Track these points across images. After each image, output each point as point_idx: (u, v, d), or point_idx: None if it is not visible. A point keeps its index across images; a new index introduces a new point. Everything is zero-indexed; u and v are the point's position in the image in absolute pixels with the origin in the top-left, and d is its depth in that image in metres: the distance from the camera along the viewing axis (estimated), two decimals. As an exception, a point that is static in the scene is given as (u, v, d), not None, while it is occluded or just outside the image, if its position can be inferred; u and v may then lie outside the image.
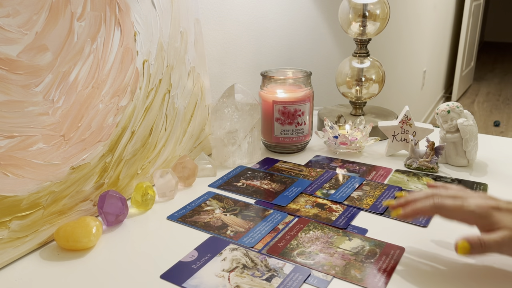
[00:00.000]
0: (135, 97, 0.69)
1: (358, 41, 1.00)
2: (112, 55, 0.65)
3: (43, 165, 0.57)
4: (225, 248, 0.58)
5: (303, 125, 0.88)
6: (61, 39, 0.57)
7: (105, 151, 0.66)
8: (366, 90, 1.02)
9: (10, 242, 0.55)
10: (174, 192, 0.72)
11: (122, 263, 0.56)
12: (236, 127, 0.81)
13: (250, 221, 0.64)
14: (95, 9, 0.61)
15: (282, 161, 0.86)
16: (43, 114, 0.56)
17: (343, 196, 0.71)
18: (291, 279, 0.52)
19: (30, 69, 0.54)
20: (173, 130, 0.78)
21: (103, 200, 0.62)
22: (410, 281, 0.52)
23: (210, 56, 0.97)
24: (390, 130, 0.86)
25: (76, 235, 0.57)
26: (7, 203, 0.54)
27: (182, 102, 0.79)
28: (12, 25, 0.52)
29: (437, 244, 0.59)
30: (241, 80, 1.08)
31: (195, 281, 0.52)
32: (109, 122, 0.66)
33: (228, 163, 0.83)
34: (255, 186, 0.75)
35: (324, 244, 0.59)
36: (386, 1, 0.97)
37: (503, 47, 6.23)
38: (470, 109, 3.69)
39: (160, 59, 0.73)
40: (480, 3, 4.11)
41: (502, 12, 6.21)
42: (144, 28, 0.70)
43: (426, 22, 2.93)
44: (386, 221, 0.65)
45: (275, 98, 0.86)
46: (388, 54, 2.19)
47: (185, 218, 0.65)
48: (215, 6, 0.96)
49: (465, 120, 0.79)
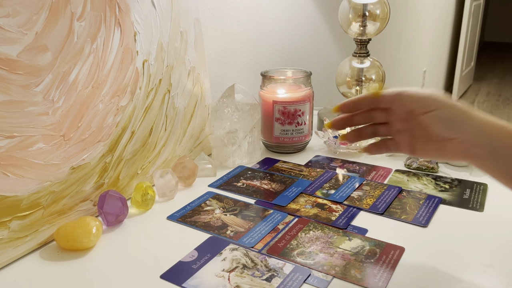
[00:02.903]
0: (135, 97, 0.69)
1: (358, 41, 1.00)
2: (112, 55, 0.65)
3: (43, 165, 0.57)
4: (225, 248, 0.58)
5: (303, 125, 0.88)
6: (61, 39, 0.57)
7: (105, 151, 0.66)
8: (366, 90, 1.02)
9: (10, 242, 0.55)
10: (174, 192, 0.71)
11: (122, 263, 0.56)
12: (236, 127, 0.81)
13: (250, 221, 0.64)
14: (95, 9, 0.61)
15: (282, 161, 0.86)
16: (43, 114, 0.56)
17: (343, 196, 0.71)
18: (291, 279, 0.52)
19: (30, 69, 0.54)
20: (173, 130, 0.78)
21: (103, 200, 0.62)
22: (410, 281, 0.52)
23: (210, 56, 0.97)
24: (390, 130, 0.86)
25: (76, 235, 0.57)
26: (7, 203, 0.54)
27: (182, 102, 0.79)
28: (12, 25, 0.52)
29: (437, 244, 0.59)
30: (241, 80, 1.08)
31: (195, 281, 0.52)
32: (109, 122, 0.66)
33: (228, 163, 0.83)
34: (255, 186, 0.75)
35: (324, 244, 0.59)
36: (386, 1, 0.97)
37: (503, 47, 6.23)
38: (470, 109, 3.68)
39: (160, 59, 0.73)
40: (480, 3, 4.11)
41: (502, 12, 6.21)
42: (144, 28, 0.70)
43: (426, 22, 2.93)
44: (386, 221, 0.65)
45: (275, 98, 0.86)
46: (388, 54, 2.19)
47: (185, 218, 0.65)
48: (215, 6, 0.96)
49: (465, 120, 0.79)
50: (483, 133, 0.49)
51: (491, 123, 0.50)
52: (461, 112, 0.50)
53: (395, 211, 0.67)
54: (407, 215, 0.65)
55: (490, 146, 0.49)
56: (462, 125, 0.50)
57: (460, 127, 0.50)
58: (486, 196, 0.71)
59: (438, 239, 0.60)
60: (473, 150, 0.50)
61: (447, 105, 0.51)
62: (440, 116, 0.50)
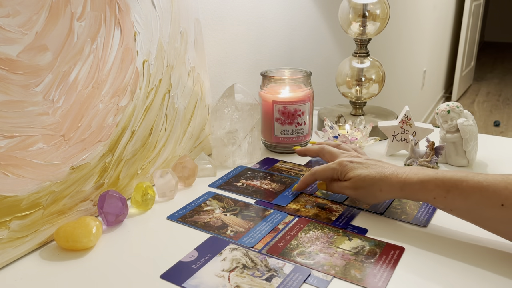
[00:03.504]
0: (135, 97, 0.69)
1: (358, 41, 1.00)
2: (112, 55, 0.65)
3: (43, 165, 0.57)
4: (225, 248, 0.58)
5: (303, 125, 0.88)
6: (61, 39, 0.57)
7: (105, 151, 0.66)
8: (366, 90, 1.02)
9: (10, 242, 0.55)
10: (174, 192, 0.72)
11: (122, 263, 0.56)
12: (236, 127, 0.81)
13: (250, 221, 0.64)
14: (95, 9, 0.61)
15: (282, 161, 0.86)
16: (43, 114, 0.56)
17: (343, 196, 0.71)
18: (291, 279, 0.52)
19: (30, 69, 0.54)
20: (173, 130, 0.78)
21: (103, 200, 0.62)
22: (410, 281, 0.52)
23: (210, 56, 0.97)
24: (390, 130, 0.86)
25: (76, 235, 0.57)
26: (7, 203, 0.54)
27: (182, 102, 0.79)
28: (12, 25, 0.52)
29: (437, 244, 0.59)
30: (241, 80, 1.08)
31: (195, 281, 0.52)
32: (109, 122, 0.66)
33: (228, 163, 0.83)
34: (255, 186, 0.75)
35: (324, 244, 0.59)
36: (386, 1, 0.97)
37: (503, 47, 6.24)
38: (470, 109, 3.69)
39: (160, 59, 0.73)
40: (480, 3, 4.11)
41: (502, 12, 6.21)
42: (144, 28, 0.70)
43: (426, 22, 2.93)
44: (386, 221, 0.65)
45: (275, 98, 0.86)
46: (388, 54, 2.19)
47: (185, 218, 0.65)
48: (215, 6, 0.96)
49: (465, 120, 0.79)
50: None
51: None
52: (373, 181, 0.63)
53: (395, 211, 0.67)
54: (407, 215, 0.66)
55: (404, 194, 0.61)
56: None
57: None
58: (486, 196, 0.71)
59: (438, 239, 0.60)
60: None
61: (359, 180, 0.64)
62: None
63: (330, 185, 0.69)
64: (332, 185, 0.68)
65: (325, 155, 0.73)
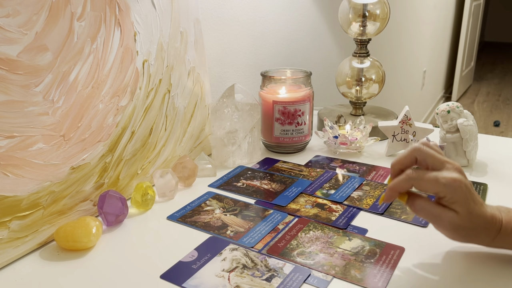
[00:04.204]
0: (135, 97, 0.69)
1: (358, 41, 1.00)
2: (112, 55, 0.65)
3: (43, 165, 0.57)
4: (225, 248, 0.58)
5: (303, 125, 0.88)
6: (61, 39, 0.57)
7: (105, 151, 0.66)
8: (366, 90, 1.02)
9: (10, 242, 0.55)
10: (174, 192, 0.72)
11: (122, 263, 0.56)
12: (236, 127, 0.81)
13: (250, 221, 0.64)
14: (95, 9, 0.61)
15: (282, 161, 0.86)
16: (43, 114, 0.56)
17: (343, 196, 0.71)
18: (291, 279, 0.52)
19: (30, 69, 0.54)
20: (173, 130, 0.78)
21: (103, 200, 0.62)
22: (410, 281, 0.52)
23: (210, 56, 0.97)
24: (390, 130, 0.86)
25: (76, 235, 0.57)
26: (7, 203, 0.54)
27: (182, 102, 0.79)
28: (12, 25, 0.52)
29: (437, 244, 0.59)
30: (241, 80, 1.08)
31: (195, 281, 0.52)
32: (109, 122, 0.66)
33: (228, 163, 0.83)
34: (255, 186, 0.75)
35: (324, 244, 0.59)
36: (386, 1, 0.97)
37: (503, 47, 6.23)
38: (470, 109, 3.69)
39: (160, 59, 0.73)
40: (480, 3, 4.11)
41: (502, 12, 6.21)
42: (144, 28, 0.70)
43: (426, 22, 2.93)
44: (386, 221, 0.65)
45: (275, 98, 0.86)
46: (388, 54, 2.19)
47: (185, 218, 0.65)
48: (215, 6, 0.96)
49: (465, 120, 0.79)
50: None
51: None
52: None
53: (395, 211, 0.67)
54: (407, 215, 0.65)
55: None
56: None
57: None
58: (486, 196, 0.71)
59: (438, 239, 0.60)
60: None
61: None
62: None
63: (415, 202, 0.53)
64: (420, 203, 0.53)
65: (426, 159, 0.52)
